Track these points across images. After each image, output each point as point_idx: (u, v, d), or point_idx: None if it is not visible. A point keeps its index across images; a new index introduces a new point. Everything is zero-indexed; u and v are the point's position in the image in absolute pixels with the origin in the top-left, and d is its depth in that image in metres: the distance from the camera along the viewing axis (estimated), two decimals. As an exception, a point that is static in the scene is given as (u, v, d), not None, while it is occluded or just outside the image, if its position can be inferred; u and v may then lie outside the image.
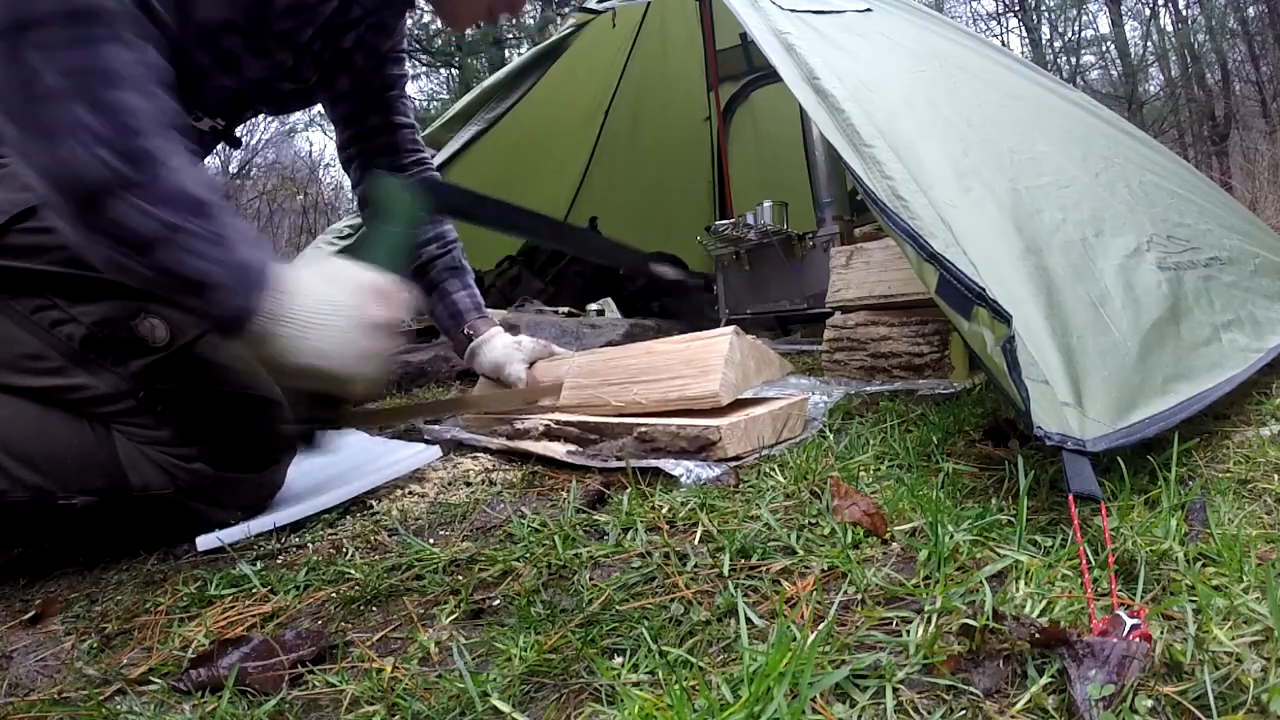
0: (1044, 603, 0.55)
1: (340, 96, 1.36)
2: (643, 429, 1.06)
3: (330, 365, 0.78)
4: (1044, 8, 11.28)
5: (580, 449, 1.12)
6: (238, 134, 1.19)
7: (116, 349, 0.89)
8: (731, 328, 1.11)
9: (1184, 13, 10.67)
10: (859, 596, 0.61)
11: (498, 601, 0.69)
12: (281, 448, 1.01)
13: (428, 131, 2.64)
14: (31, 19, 0.68)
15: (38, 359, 0.87)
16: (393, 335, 0.83)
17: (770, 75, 2.61)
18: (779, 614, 0.58)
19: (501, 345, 1.41)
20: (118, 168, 0.70)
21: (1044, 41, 11.31)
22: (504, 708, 0.52)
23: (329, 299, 0.79)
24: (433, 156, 1.52)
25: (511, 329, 1.51)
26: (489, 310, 1.50)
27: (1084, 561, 0.57)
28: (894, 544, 0.70)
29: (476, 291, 1.48)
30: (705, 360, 1.08)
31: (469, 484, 1.09)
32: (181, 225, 0.72)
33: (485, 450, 1.26)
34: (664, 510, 0.84)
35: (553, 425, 1.20)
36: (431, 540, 0.86)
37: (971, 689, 0.47)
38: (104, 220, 0.71)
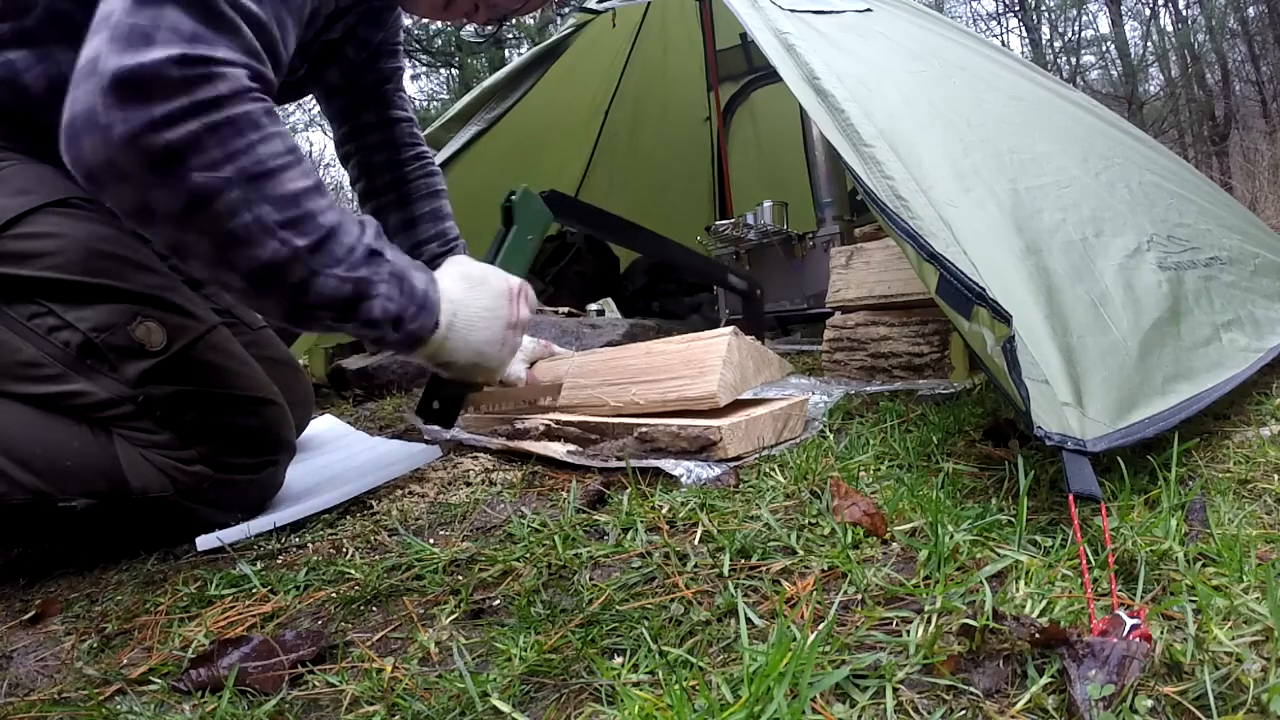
0: (1044, 603, 0.55)
1: (334, 92, 1.34)
2: (643, 429, 1.06)
3: (486, 361, 0.92)
4: (1044, 8, 11.28)
5: (580, 449, 1.12)
6: None
7: (114, 354, 0.89)
8: (730, 328, 1.11)
9: (1184, 13, 10.68)
10: (859, 596, 0.61)
11: (498, 601, 0.69)
12: (281, 449, 1.01)
13: (428, 131, 2.63)
14: (184, 144, 0.68)
15: (36, 366, 0.87)
16: (525, 328, 0.98)
17: (770, 75, 2.62)
18: (779, 614, 0.58)
19: (501, 345, 1.41)
20: (305, 244, 0.75)
21: (1044, 41, 11.32)
22: (504, 708, 0.52)
23: (482, 306, 0.91)
24: (433, 155, 1.51)
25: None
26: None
27: (1084, 561, 0.57)
28: (894, 544, 0.70)
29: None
30: (704, 361, 1.08)
31: (469, 484, 1.09)
32: (370, 278, 0.80)
33: (485, 450, 1.26)
34: (664, 510, 0.84)
35: (553, 425, 1.20)
36: (431, 540, 0.86)
37: (971, 689, 0.47)
38: (310, 296, 0.77)
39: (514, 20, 1.21)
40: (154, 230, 0.73)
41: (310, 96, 1.34)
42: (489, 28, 1.20)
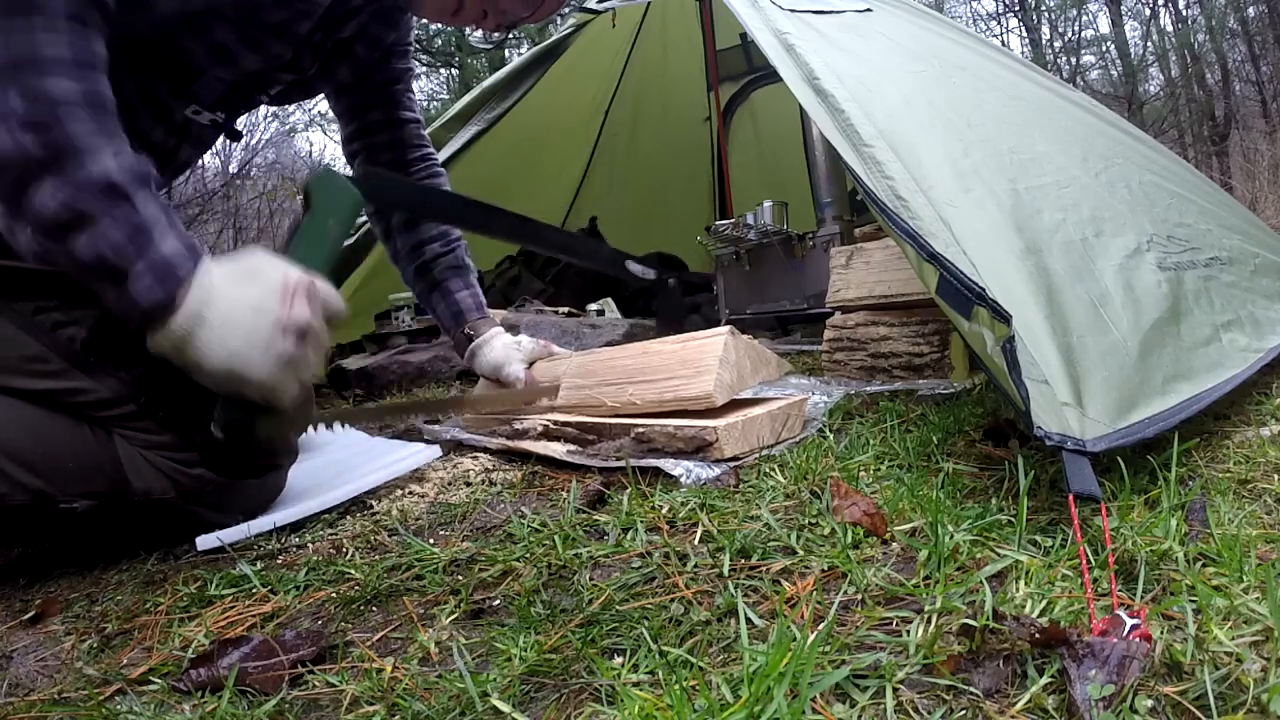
0: (1044, 603, 0.55)
1: (343, 89, 1.35)
2: (640, 429, 1.06)
3: (244, 368, 0.76)
4: (1044, 8, 11.28)
5: (580, 449, 1.12)
6: (238, 126, 1.19)
7: (118, 352, 0.89)
8: (727, 328, 1.11)
9: (1184, 13, 10.67)
10: (859, 596, 0.61)
11: (498, 601, 0.69)
12: (283, 451, 1.01)
13: (428, 131, 2.63)
14: None
15: (39, 361, 0.87)
16: (318, 340, 0.80)
17: (770, 75, 2.62)
18: (779, 614, 0.58)
19: (501, 345, 1.41)
20: (37, 153, 0.70)
21: (1044, 41, 11.31)
22: (504, 708, 0.52)
23: (249, 298, 0.76)
24: (438, 156, 1.52)
25: (511, 329, 1.51)
26: (490, 310, 1.50)
27: (1084, 561, 0.57)
28: (894, 544, 0.70)
29: (479, 291, 1.47)
30: (700, 361, 1.08)
31: (469, 484, 1.09)
32: (100, 213, 0.72)
33: (485, 450, 1.26)
34: (664, 510, 0.84)
35: (551, 425, 1.20)
36: (431, 540, 0.86)
37: (971, 689, 0.47)
38: (24, 204, 0.71)
39: (520, 27, 1.18)
40: None
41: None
42: (496, 34, 1.19)
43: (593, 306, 2.83)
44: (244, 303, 0.76)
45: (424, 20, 1.20)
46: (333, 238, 0.92)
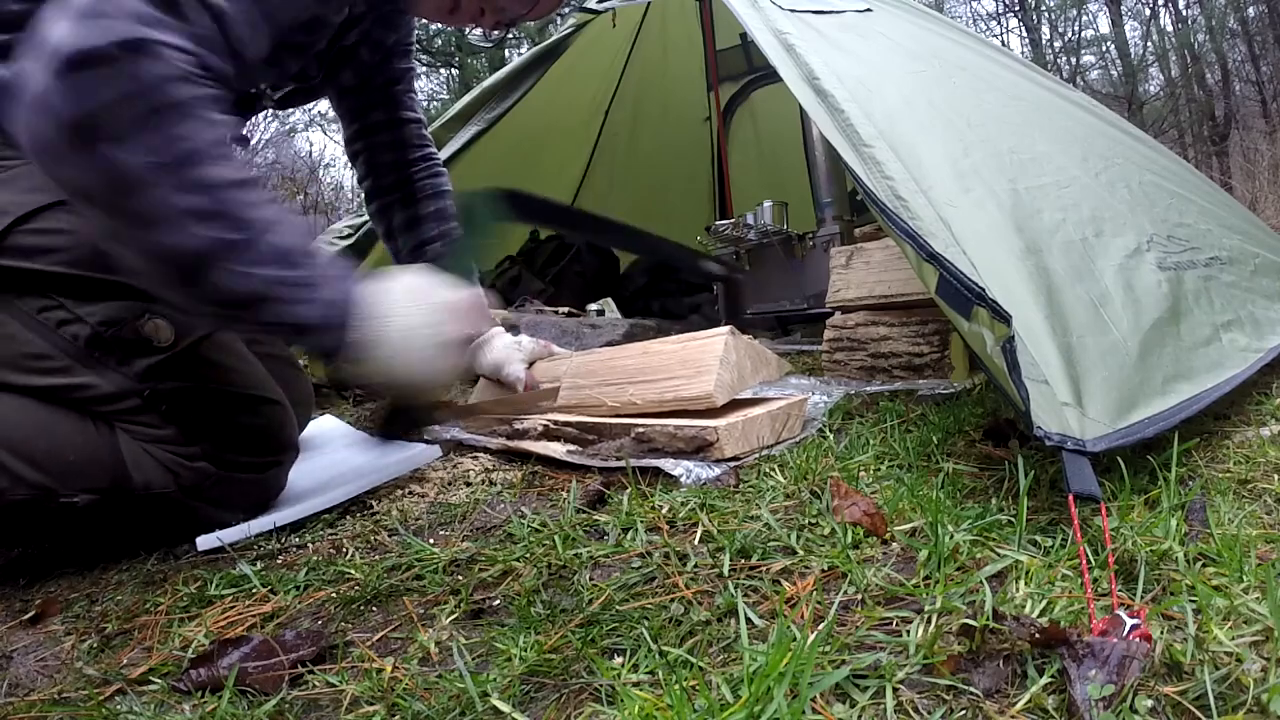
0: (1044, 603, 0.55)
1: (345, 91, 1.35)
2: (640, 429, 1.06)
3: (415, 381, 0.83)
4: (1044, 8, 11.28)
5: (580, 449, 1.12)
6: (245, 133, 1.19)
7: (121, 349, 0.89)
8: (727, 328, 1.11)
9: (1184, 13, 10.67)
10: (859, 596, 0.61)
11: (498, 601, 0.69)
12: (284, 449, 1.01)
13: (428, 131, 2.64)
14: (111, 123, 0.69)
15: (43, 358, 0.88)
16: (466, 346, 0.88)
17: (770, 75, 2.61)
18: (779, 614, 0.58)
19: (501, 345, 1.41)
20: (217, 238, 0.73)
21: (1044, 41, 11.31)
22: (504, 708, 0.52)
23: (415, 322, 0.82)
24: (439, 156, 1.52)
25: (511, 329, 1.51)
26: (490, 310, 1.50)
27: (1084, 561, 0.57)
28: (894, 544, 0.70)
29: (480, 292, 1.48)
30: (700, 361, 1.08)
31: (469, 484, 1.09)
32: (278, 279, 0.76)
33: (485, 450, 1.26)
34: (664, 510, 0.84)
35: (551, 425, 1.20)
36: (431, 540, 0.86)
37: (971, 689, 0.47)
38: (210, 289, 0.74)
39: (520, 26, 1.19)
40: (88, 210, 0.74)
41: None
42: (495, 33, 1.19)
43: (593, 306, 2.83)
44: (411, 326, 0.82)
45: (423, 20, 1.21)
46: (478, 251, 1.02)
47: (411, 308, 0.83)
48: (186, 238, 0.72)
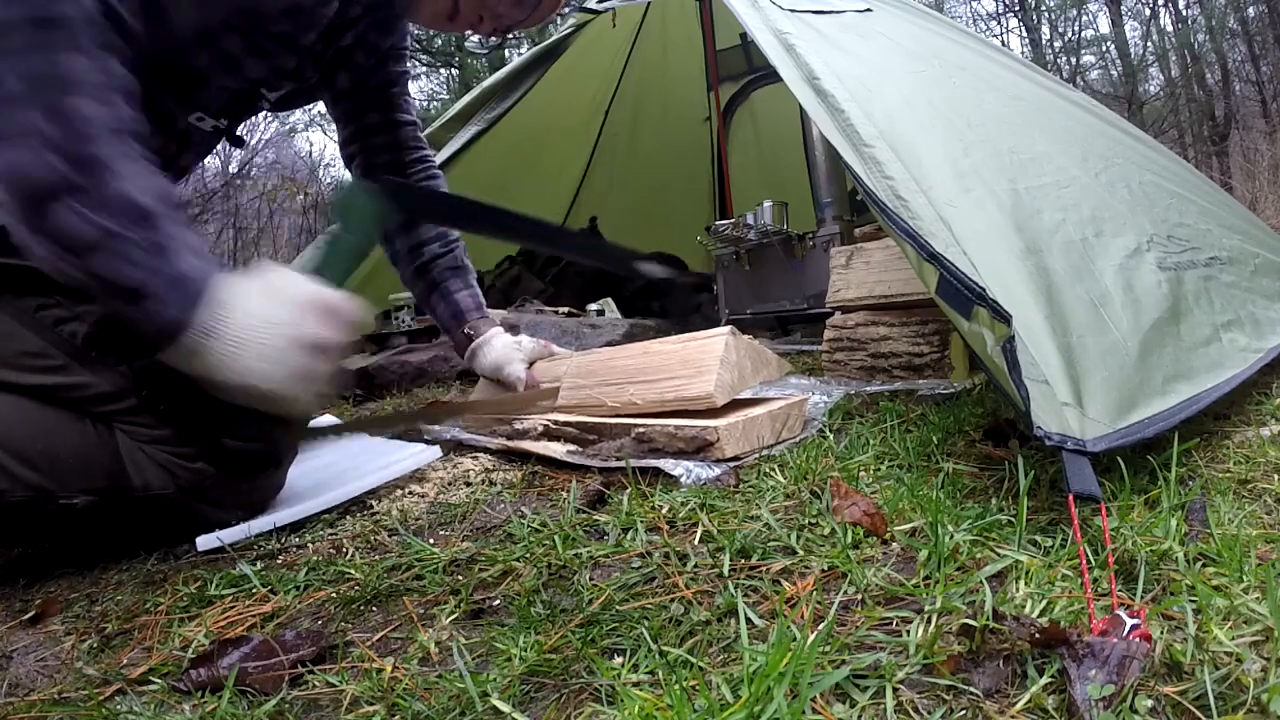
0: (1044, 603, 0.55)
1: (341, 94, 1.36)
2: (640, 429, 1.06)
3: (263, 384, 0.77)
4: (1044, 8, 11.28)
5: (580, 449, 1.12)
6: (240, 133, 1.19)
7: (119, 347, 0.89)
8: (728, 328, 1.11)
9: (1184, 13, 10.67)
10: (859, 596, 0.61)
11: (498, 601, 0.69)
12: (283, 448, 1.01)
13: (427, 132, 2.63)
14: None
15: (40, 357, 0.87)
16: (334, 354, 0.80)
17: (770, 75, 2.62)
18: (779, 614, 0.58)
19: (501, 345, 1.41)
20: (64, 172, 0.71)
21: (1044, 41, 11.31)
22: (504, 708, 0.52)
23: (265, 315, 0.77)
24: (435, 158, 1.52)
25: (511, 329, 1.51)
26: (490, 310, 1.50)
27: (1084, 561, 0.57)
28: (894, 544, 0.70)
29: (478, 291, 1.48)
30: (701, 361, 1.08)
31: (469, 484, 1.09)
32: (120, 232, 0.73)
33: (485, 450, 1.26)
34: (664, 510, 0.84)
35: (551, 425, 1.20)
36: (431, 540, 0.86)
37: (971, 689, 0.47)
38: (47, 223, 0.72)
39: (520, 32, 1.19)
40: None
41: None
42: (493, 39, 1.19)
43: (593, 306, 2.83)
44: (259, 319, 0.77)
45: (423, 28, 1.21)
46: (354, 251, 0.93)
47: (268, 304, 0.77)
48: (34, 162, 0.70)
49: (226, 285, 0.77)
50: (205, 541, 0.91)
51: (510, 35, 1.22)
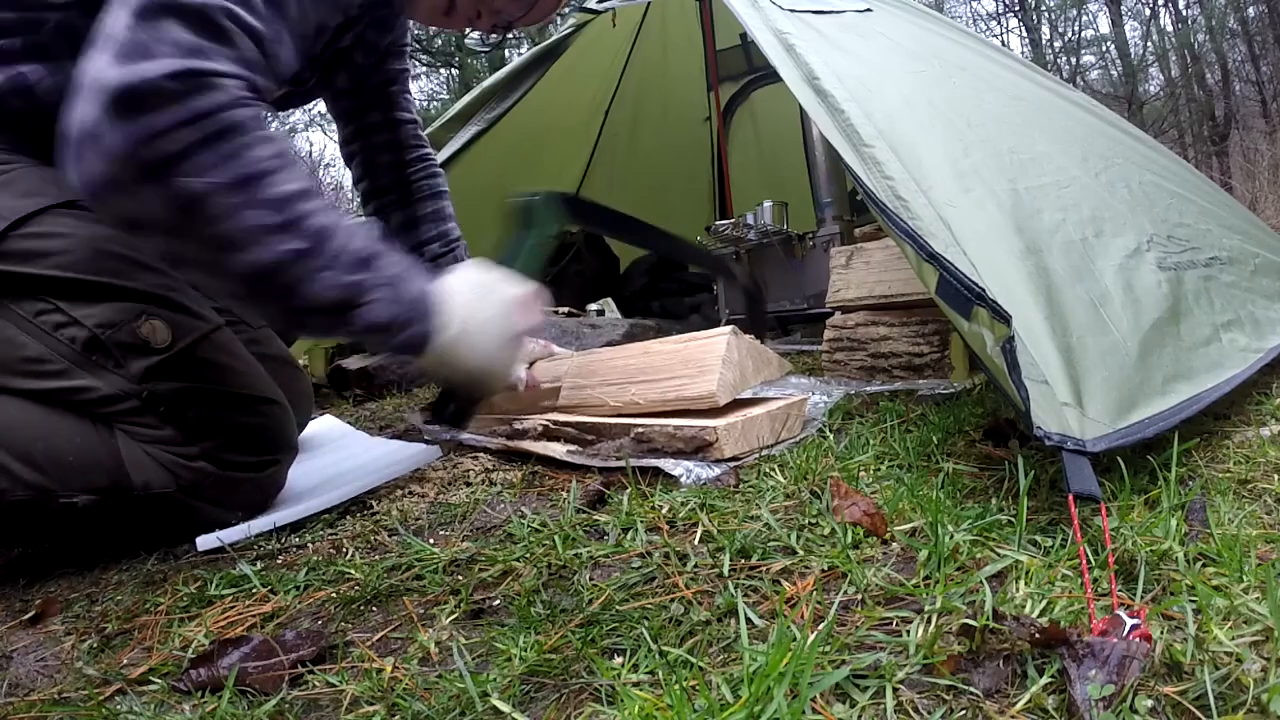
0: (1044, 603, 0.55)
1: (340, 93, 1.35)
2: (640, 429, 1.06)
3: (487, 371, 0.89)
4: (1044, 8, 11.28)
5: (580, 449, 1.12)
6: None
7: (119, 350, 0.89)
8: (729, 328, 1.11)
9: (1184, 13, 10.67)
10: (859, 596, 0.61)
11: (498, 601, 0.69)
12: (283, 448, 1.01)
13: (428, 131, 2.63)
14: (177, 154, 0.70)
15: (40, 362, 0.88)
16: (529, 338, 0.94)
17: (770, 75, 2.61)
18: (779, 614, 0.58)
19: (502, 345, 1.41)
20: (295, 248, 0.74)
21: (1044, 41, 11.31)
22: (504, 708, 0.52)
23: (486, 315, 0.87)
24: (435, 156, 1.52)
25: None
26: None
27: (1084, 561, 0.57)
28: (894, 544, 0.70)
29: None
30: (702, 360, 1.08)
31: (469, 484, 1.09)
32: (361, 281, 0.78)
33: (485, 450, 1.26)
34: (664, 510, 0.84)
35: (551, 425, 1.20)
36: (431, 540, 0.86)
37: (971, 689, 0.47)
38: (300, 299, 0.76)
39: (518, 29, 1.21)
40: (150, 239, 0.75)
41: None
42: (493, 36, 1.19)
43: (593, 306, 2.83)
44: (487, 316, 0.87)
45: (421, 25, 1.22)
46: (540, 249, 1.08)
47: (482, 302, 0.88)
48: (264, 253, 0.73)
49: (445, 289, 0.86)
50: (205, 541, 0.91)
51: (510, 33, 1.22)
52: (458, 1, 1.11)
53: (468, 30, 1.18)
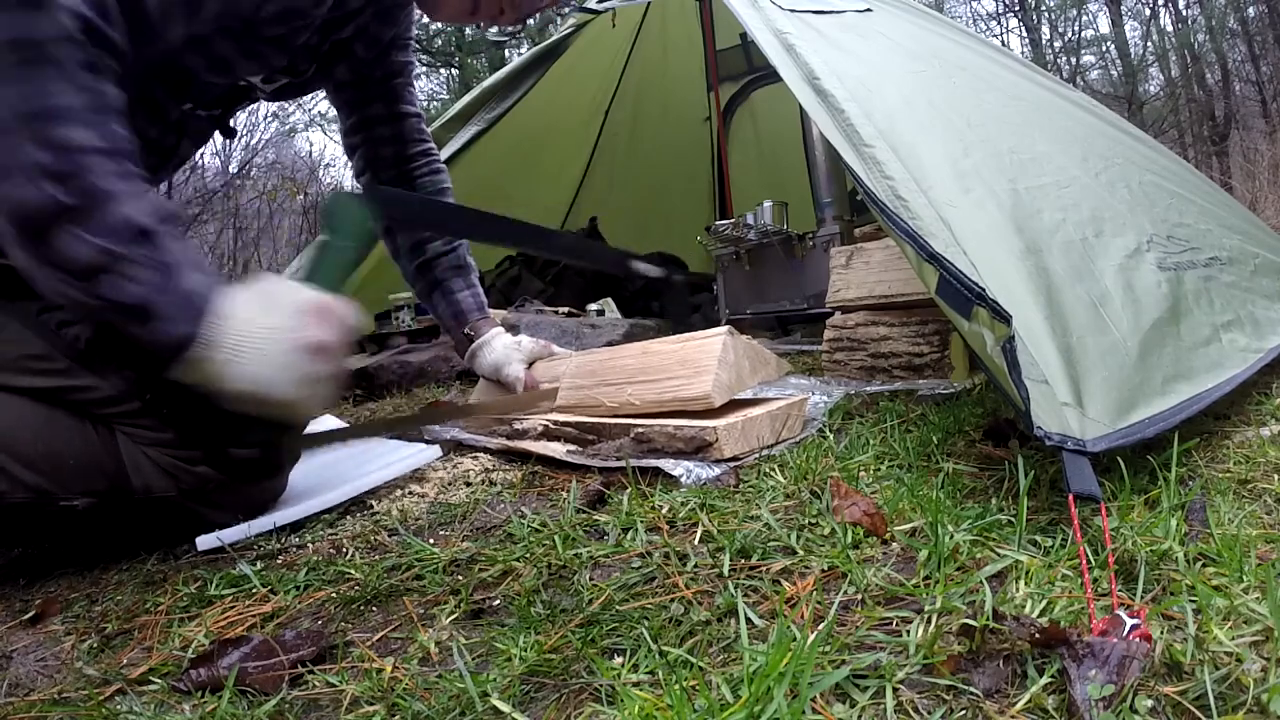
0: (1044, 603, 0.55)
1: (342, 84, 1.35)
2: (640, 429, 1.06)
3: (265, 390, 0.79)
4: (1044, 8, 11.27)
5: (580, 449, 1.12)
6: (233, 124, 1.19)
7: (122, 351, 0.89)
8: (726, 328, 1.11)
9: (1184, 13, 10.67)
10: (859, 596, 0.61)
11: (498, 601, 0.69)
12: (285, 454, 1.01)
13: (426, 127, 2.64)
14: None
15: (43, 360, 0.87)
16: (334, 357, 0.82)
17: (770, 75, 2.61)
18: (779, 614, 0.58)
19: (501, 346, 1.41)
20: (62, 200, 0.72)
21: (1044, 41, 11.31)
22: (504, 708, 0.52)
23: (263, 322, 0.78)
24: (438, 152, 1.51)
25: (511, 329, 1.51)
26: (490, 310, 1.50)
27: (1084, 561, 0.57)
28: (894, 544, 0.70)
29: (480, 291, 1.47)
30: (699, 361, 1.08)
31: (469, 484, 1.09)
32: (123, 254, 0.74)
33: (485, 450, 1.26)
34: (664, 510, 0.84)
35: (551, 425, 1.20)
36: (431, 540, 0.86)
37: (971, 689, 0.47)
38: (50, 251, 0.73)
39: (536, 16, 1.21)
40: None
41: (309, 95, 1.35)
42: (513, 26, 1.19)
43: (593, 306, 2.83)
44: (262, 326, 0.79)
45: (429, 21, 1.22)
46: (347, 257, 0.96)
47: (266, 311, 0.79)
48: (32, 192, 0.71)
49: (226, 297, 0.79)
50: (205, 541, 0.91)
51: (530, 19, 1.22)
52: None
53: (489, 24, 1.17)
